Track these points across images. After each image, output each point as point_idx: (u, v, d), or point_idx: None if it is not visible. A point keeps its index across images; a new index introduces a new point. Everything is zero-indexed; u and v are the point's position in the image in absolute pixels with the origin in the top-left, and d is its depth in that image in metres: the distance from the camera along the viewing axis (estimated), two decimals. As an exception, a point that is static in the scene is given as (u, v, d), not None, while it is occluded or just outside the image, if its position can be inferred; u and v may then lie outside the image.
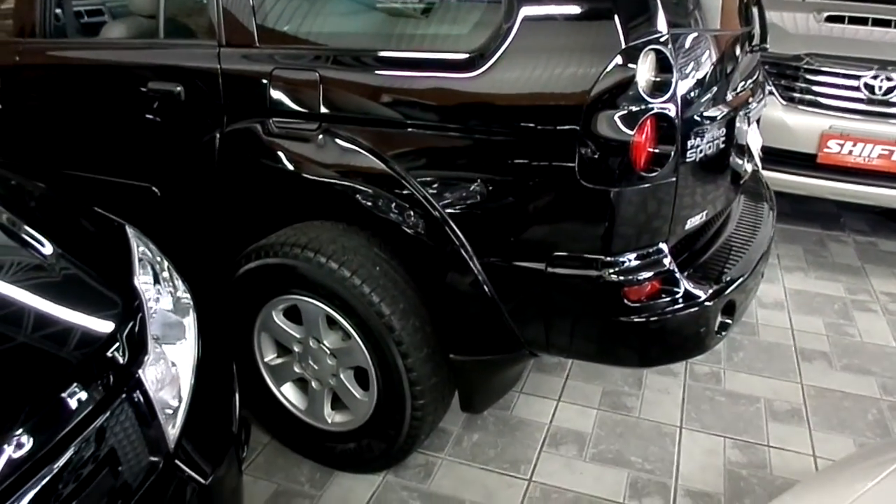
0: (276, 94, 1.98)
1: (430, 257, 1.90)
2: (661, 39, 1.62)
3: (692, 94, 1.72)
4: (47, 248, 1.53)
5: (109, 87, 2.37)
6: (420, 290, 1.96)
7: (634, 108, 1.60)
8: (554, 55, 1.66)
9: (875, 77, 3.52)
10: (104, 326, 1.32)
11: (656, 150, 1.65)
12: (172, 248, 1.85)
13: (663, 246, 1.78)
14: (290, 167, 2.00)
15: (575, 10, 1.66)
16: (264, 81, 1.99)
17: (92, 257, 1.58)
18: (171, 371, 1.39)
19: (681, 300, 1.80)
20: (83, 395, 1.15)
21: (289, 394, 2.23)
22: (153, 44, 2.28)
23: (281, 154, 2.00)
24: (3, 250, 1.58)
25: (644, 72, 1.60)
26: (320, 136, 1.93)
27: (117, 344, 1.27)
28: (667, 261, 1.78)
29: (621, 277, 1.73)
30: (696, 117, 1.74)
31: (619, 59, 1.59)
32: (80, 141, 2.51)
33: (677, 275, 1.79)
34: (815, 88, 3.63)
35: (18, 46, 2.58)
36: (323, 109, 1.92)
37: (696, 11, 1.84)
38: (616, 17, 1.60)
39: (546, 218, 1.77)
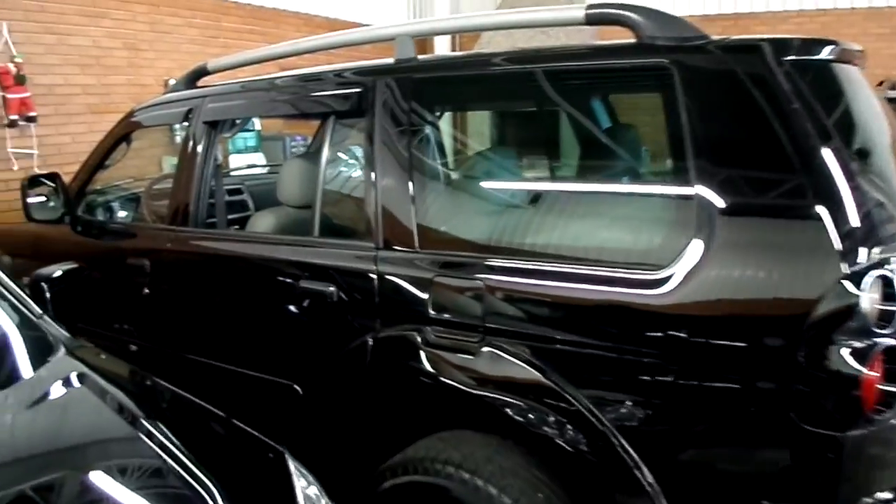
0: (437, 302, 1.89)
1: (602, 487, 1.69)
2: (885, 263, 1.44)
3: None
4: (208, 483, 1.41)
5: (257, 280, 2.38)
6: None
7: (859, 343, 1.41)
8: (754, 279, 1.51)
9: None
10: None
11: (887, 388, 1.43)
12: (311, 450, 1.73)
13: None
14: (447, 378, 1.87)
15: (782, 231, 1.53)
16: (424, 288, 1.92)
17: (254, 496, 1.45)
18: None
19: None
20: None
21: None
22: (306, 241, 2.27)
23: (439, 364, 1.88)
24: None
25: (868, 301, 1.42)
26: (483, 349, 1.81)
27: None
28: (903, 515, 1.50)
29: (851, 538, 1.46)
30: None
31: (839, 287, 1.42)
32: (222, 332, 2.51)
33: (921, 533, 1.50)
34: None
35: (171, 234, 2.66)
36: (487, 321, 1.81)
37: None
38: (833, 240, 1.44)
39: (747, 456, 1.54)
